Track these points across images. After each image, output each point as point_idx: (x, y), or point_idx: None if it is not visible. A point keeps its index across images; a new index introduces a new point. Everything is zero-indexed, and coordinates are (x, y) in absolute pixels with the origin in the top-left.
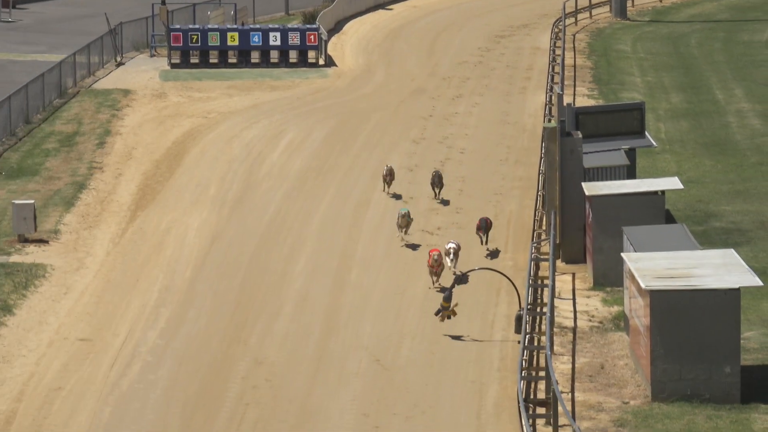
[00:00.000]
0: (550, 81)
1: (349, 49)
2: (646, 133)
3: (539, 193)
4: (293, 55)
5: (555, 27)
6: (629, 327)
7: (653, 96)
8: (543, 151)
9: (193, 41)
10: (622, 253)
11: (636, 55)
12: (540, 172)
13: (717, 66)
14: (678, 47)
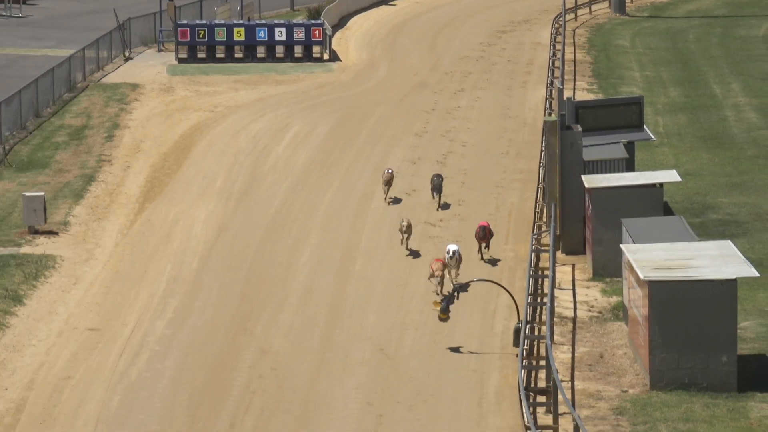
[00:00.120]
0: (550, 75)
1: (353, 44)
2: (644, 127)
3: (540, 186)
4: (298, 50)
5: (555, 22)
6: (628, 317)
7: (652, 90)
8: (543, 145)
9: (200, 36)
10: (621, 245)
11: (635, 50)
12: (540, 164)
13: (714, 61)
14: (676, 42)
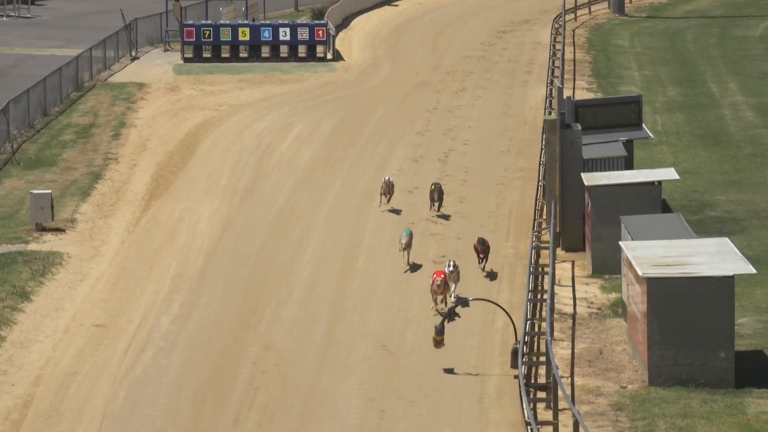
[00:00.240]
0: (550, 75)
1: (356, 44)
2: (643, 125)
3: (540, 184)
4: (302, 50)
5: (555, 23)
6: (627, 313)
7: (650, 89)
8: (543, 143)
9: (206, 36)
10: (620, 242)
11: (633, 50)
12: (540, 163)
13: (712, 60)
14: (674, 42)
